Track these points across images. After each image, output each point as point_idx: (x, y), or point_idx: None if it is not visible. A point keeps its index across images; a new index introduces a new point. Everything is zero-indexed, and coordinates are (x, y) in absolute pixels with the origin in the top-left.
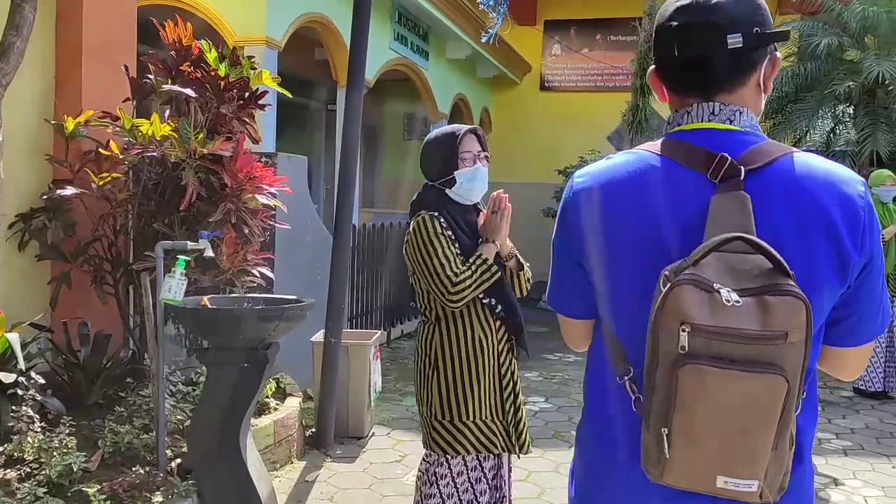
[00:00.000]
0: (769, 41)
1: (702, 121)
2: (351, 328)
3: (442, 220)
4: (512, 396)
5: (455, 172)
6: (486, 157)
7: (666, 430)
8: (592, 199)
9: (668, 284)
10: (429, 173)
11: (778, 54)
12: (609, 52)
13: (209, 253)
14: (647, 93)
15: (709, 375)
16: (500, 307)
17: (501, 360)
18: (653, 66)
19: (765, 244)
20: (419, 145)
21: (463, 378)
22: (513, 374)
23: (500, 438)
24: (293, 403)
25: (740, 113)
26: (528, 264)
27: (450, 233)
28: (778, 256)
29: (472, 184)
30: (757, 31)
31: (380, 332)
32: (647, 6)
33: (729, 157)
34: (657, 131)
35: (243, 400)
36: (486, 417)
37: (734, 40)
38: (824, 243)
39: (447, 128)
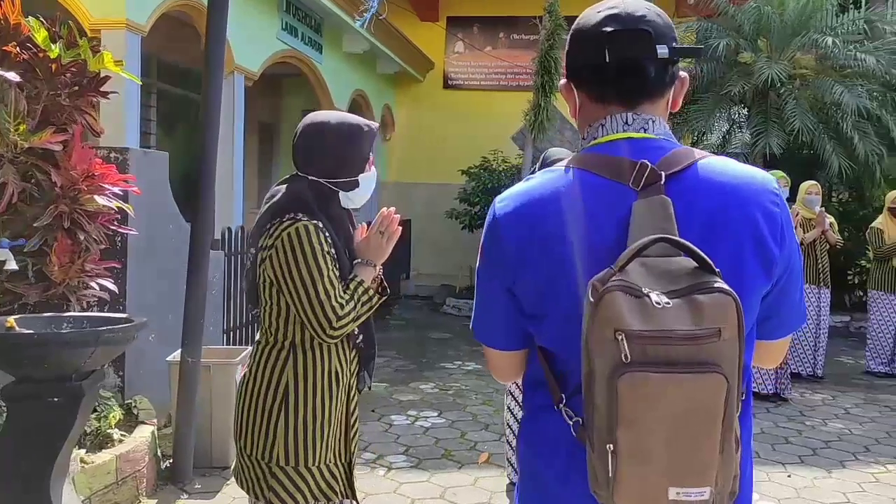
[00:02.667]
0: (686, 55)
1: (616, 131)
2: (227, 344)
3: (327, 234)
4: (355, 436)
5: (360, 176)
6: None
7: (611, 446)
8: (517, 222)
9: (597, 293)
10: (323, 168)
11: (685, 74)
12: (512, 51)
13: (11, 265)
14: (549, 92)
15: (648, 381)
16: (360, 336)
17: (351, 394)
18: (565, 78)
19: (688, 244)
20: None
21: (315, 417)
22: (357, 408)
23: (341, 484)
24: (144, 433)
25: (653, 121)
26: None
27: (332, 251)
28: (702, 255)
29: (368, 190)
30: (675, 45)
31: (250, 347)
32: (547, 4)
33: (649, 164)
34: (560, 131)
35: (52, 442)
36: (330, 461)
37: (662, 51)
38: (748, 242)
39: (350, 117)
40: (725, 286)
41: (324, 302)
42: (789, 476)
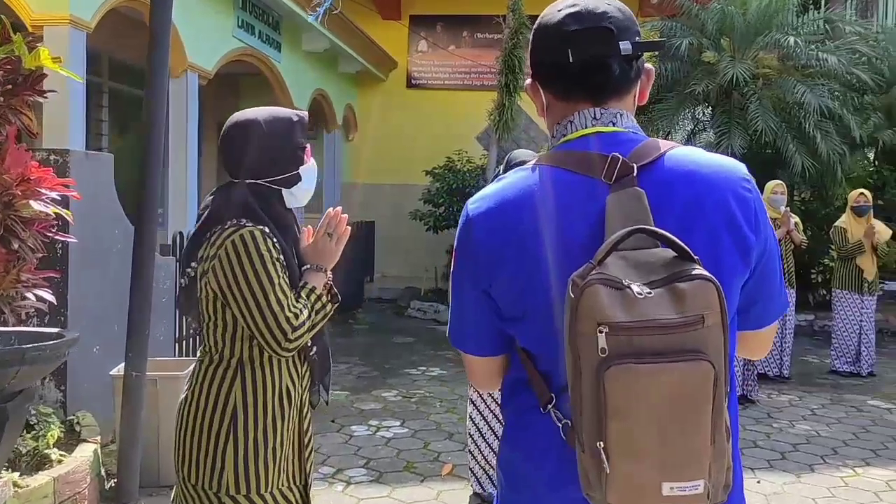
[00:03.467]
0: (649, 49)
1: (585, 127)
2: (180, 353)
3: (274, 239)
4: (310, 455)
5: (300, 168)
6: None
7: (602, 442)
8: (490, 222)
9: (578, 288)
10: (258, 168)
11: (650, 66)
12: (476, 50)
13: None
14: (514, 91)
15: (636, 373)
16: (314, 348)
17: (304, 412)
18: (530, 78)
19: (666, 233)
20: None
21: (267, 440)
22: (311, 426)
23: None
24: (86, 451)
25: (621, 115)
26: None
27: (282, 258)
28: (680, 243)
29: (312, 183)
30: (637, 40)
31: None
32: (510, 2)
33: (620, 157)
34: (525, 131)
35: None
36: (283, 485)
37: (626, 47)
38: (725, 230)
39: (277, 110)
40: (705, 273)
41: (277, 313)
42: (759, 482)
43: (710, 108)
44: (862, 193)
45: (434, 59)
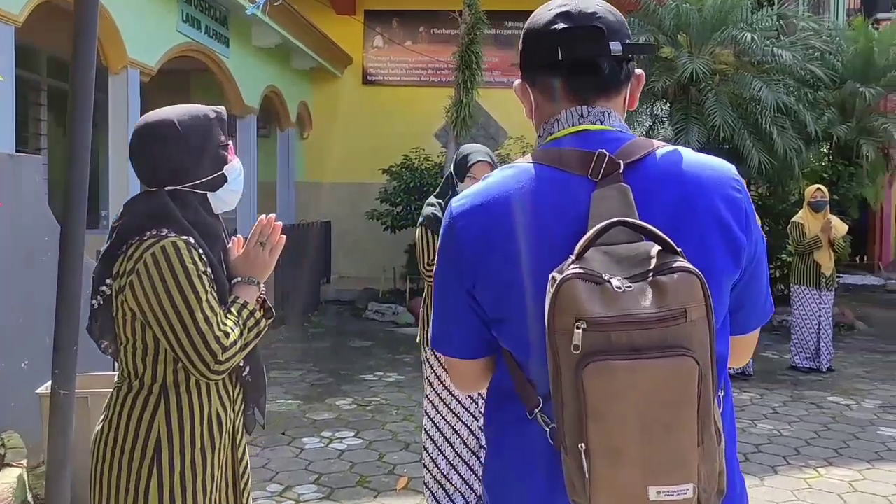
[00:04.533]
0: (639, 52)
1: (573, 125)
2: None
3: (200, 250)
4: (246, 487)
5: (225, 168)
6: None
7: (583, 445)
8: (475, 221)
9: (556, 283)
10: (176, 173)
11: (640, 71)
12: (433, 46)
13: None
14: (471, 88)
15: (613, 369)
16: (247, 368)
17: (238, 439)
18: (519, 79)
19: (648, 225)
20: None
21: (196, 473)
22: (245, 453)
23: None
24: (10, 476)
25: (609, 114)
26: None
27: (209, 270)
28: (663, 235)
29: (239, 184)
30: (629, 42)
31: None
32: None
33: (607, 153)
34: (484, 127)
35: None
36: None
37: (616, 47)
38: (714, 230)
39: (191, 107)
40: (689, 265)
41: (205, 333)
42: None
43: (668, 103)
44: (819, 189)
45: (390, 55)
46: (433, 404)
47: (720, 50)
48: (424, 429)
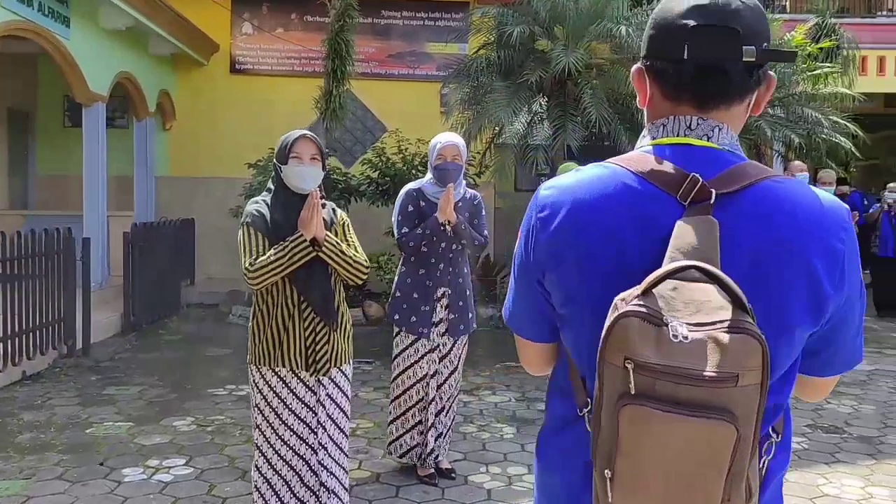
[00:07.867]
0: (777, 59)
1: (677, 135)
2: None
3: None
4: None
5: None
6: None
7: (609, 472)
8: (557, 215)
9: (615, 315)
10: None
11: (773, 74)
12: (307, 34)
13: None
14: (341, 77)
15: (650, 419)
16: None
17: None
18: (640, 64)
19: (722, 275)
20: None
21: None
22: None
23: None
24: None
25: (719, 129)
26: None
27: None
28: (736, 289)
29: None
30: (766, 46)
31: None
32: None
33: (700, 179)
34: (361, 121)
35: None
36: None
37: (749, 52)
38: (801, 286)
39: None
40: (755, 328)
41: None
42: None
43: (546, 98)
44: None
45: (260, 42)
46: (265, 435)
47: (596, 44)
48: (255, 444)
